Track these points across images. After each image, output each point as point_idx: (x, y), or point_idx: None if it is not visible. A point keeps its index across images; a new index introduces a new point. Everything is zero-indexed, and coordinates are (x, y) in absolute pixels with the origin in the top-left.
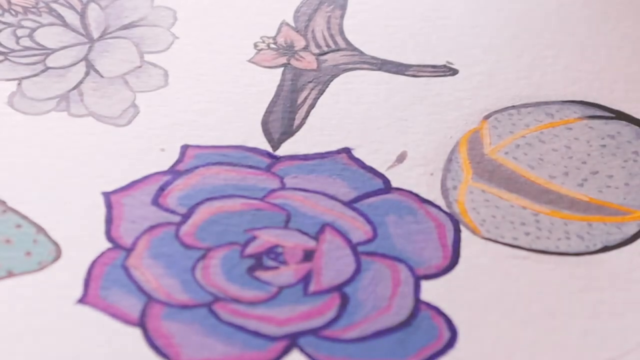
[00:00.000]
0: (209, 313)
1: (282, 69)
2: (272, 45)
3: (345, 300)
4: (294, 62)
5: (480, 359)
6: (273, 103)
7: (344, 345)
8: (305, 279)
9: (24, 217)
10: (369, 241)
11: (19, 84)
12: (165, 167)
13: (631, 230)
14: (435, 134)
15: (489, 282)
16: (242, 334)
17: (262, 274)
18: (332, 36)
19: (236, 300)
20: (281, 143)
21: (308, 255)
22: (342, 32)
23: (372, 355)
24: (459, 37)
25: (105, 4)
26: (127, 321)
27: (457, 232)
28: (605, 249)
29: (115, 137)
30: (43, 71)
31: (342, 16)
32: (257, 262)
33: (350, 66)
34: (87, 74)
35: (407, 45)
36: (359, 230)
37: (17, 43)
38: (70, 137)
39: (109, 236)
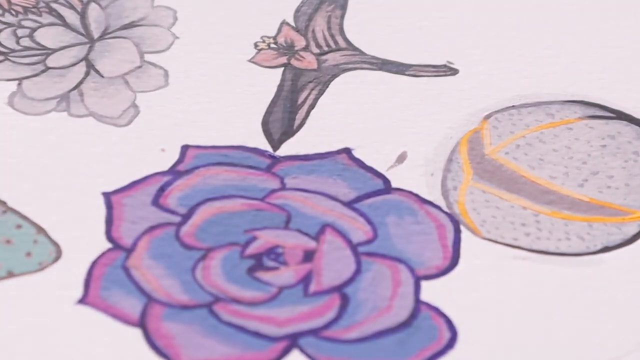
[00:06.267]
0: (209, 313)
1: (282, 69)
2: (273, 45)
3: (345, 301)
4: (294, 62)
5: (480, 359)
6: (273, 103)
7: (344, 345)
8: (306, 280)
9: (25, 218)
10: (369, 242)
11: (19, 84)
12: (166, 168)
13: (631, 230)
14: (436, 134)
15: (489, 283)
16: (243, 334)
17: (262, 275)
18: (332, 36)
19: (236, 301)
20: (281, 143)
21: (308, 256)
22: (342, 32)
23: (372, 355)
24: (459, 37)
25: (106, 3)
26: (127, 322)
27: (458, 232)
28: (606, 249)
29: (115, 137)
30: (43, 71)
31: (342, 16)
32: (258, 263)
33: (350, 66)
34: (87, 74)
35: (407, 45)
36: (359, 231)
37: (17, 43)
38: (70, 137)
39: (109, 237)
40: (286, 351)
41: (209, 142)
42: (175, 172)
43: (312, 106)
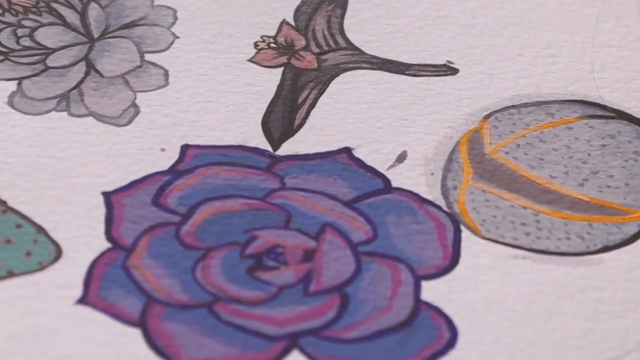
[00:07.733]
0: (209, 313)
1: (282, 68)
2: (273, 45)
3: (345, 301)
4: (294, 62)
5: (480, 359)
6: (273, 103)
7: (344, 345)
8: (306, 279)
9: (24, 217)
10: (369, 241)
11: (19, 83)
12: (166, 167)
13: (631, 230)
14: (436, 134)
15: (489, 282)
16: (243, 334)
17: (262, 274)
18: (332, 35)
19: (236, 301)
20: (281, 143)
21: (308, 256)
22: (342, 32)
23: (372, 355)
24: (459, 37)
25: (106, 3)
26: (127, 321)
27: (458, 232)
28: (606, 249)
29: (115, 137)
30: (43, 71)
31: (342, 15)
32: (257, 262)
33: (350, 65)
34: (87, 73)
35: (407, 44)
36: (359, 231)
37: (17, 43)
38: (70, 137)
39: (109, 236)
40: (286, 351)
41: (209, 142)
42: (175, 172)
43: (312, 106)
